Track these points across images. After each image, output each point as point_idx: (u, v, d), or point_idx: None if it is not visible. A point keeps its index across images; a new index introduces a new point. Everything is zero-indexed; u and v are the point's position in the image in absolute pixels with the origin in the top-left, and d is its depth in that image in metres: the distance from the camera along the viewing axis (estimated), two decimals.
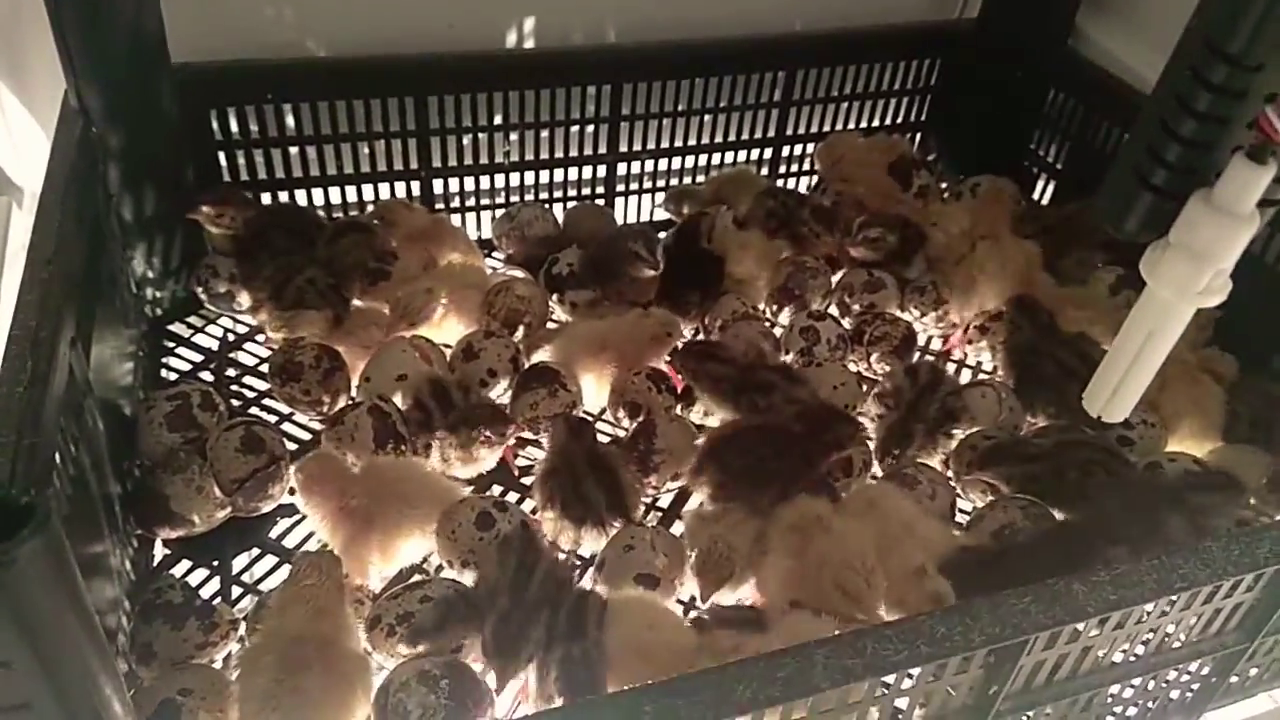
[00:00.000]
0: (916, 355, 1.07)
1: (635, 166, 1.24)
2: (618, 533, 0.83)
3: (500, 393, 0.97)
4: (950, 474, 0.94)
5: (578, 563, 0.85)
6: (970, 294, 1.09)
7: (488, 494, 0.87)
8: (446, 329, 1.02)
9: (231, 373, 1.00)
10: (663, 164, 1.25)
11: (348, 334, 0.98)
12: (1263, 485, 0.90)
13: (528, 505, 0.88)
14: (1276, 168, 0.50)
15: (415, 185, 1.15)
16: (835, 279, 1.14)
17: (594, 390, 0.99)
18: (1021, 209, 1.21)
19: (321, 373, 0.93)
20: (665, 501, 0.93)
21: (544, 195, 1.21)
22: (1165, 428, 0.96)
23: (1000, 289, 1.08)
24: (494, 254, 1.17)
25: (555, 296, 1.07)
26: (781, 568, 0.77)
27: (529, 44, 1.12)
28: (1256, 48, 0.47)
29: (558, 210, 1.20)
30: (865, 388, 1.01)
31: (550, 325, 1.07)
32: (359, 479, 0.82)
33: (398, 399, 0.92)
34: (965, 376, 1.09)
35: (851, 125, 1.31)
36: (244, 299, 1.02)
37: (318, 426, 0.93)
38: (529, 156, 1.17)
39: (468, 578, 0.80)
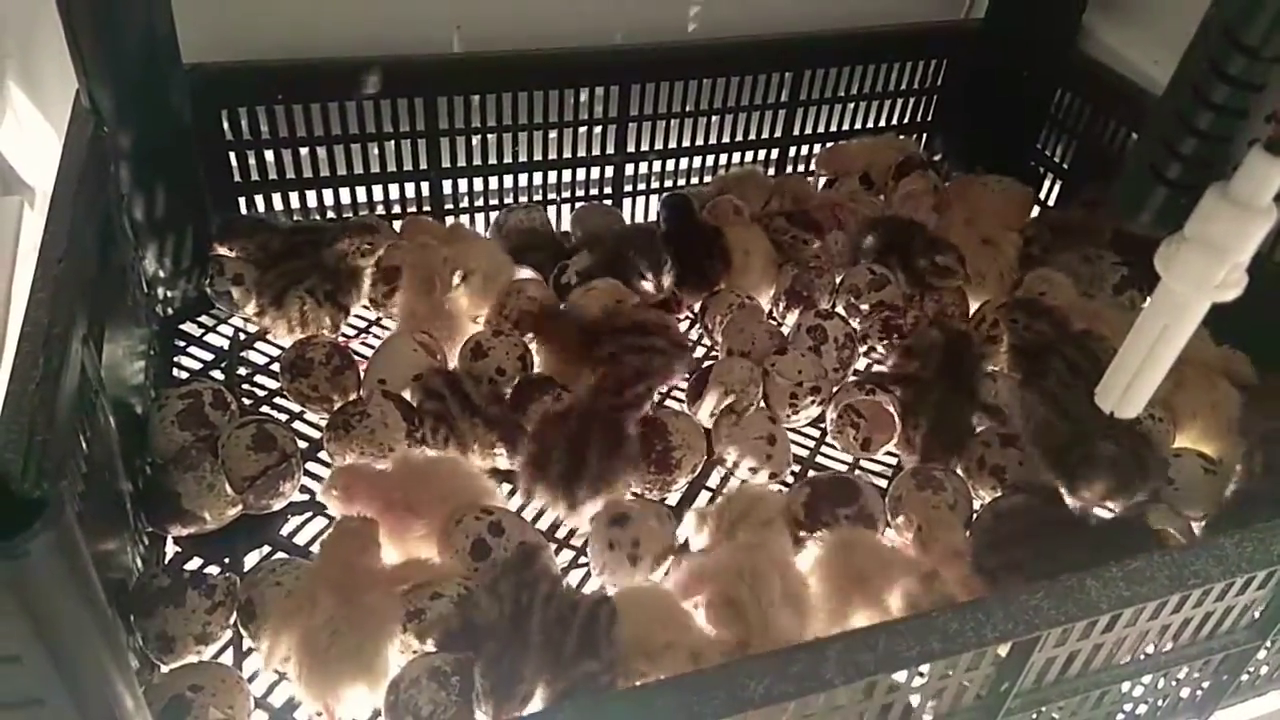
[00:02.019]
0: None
1: (643, 167, 1.24)
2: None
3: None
4: (960, 470, 0.94)
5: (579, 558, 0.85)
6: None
7: (486, 512, 0.81)
8: (473, 304, 1.04)
9: (243, 371, 1.00)
10: (670, 164, 1.25)
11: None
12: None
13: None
14: None
15: (425, 186, 1.15)
16: (839, 280, 1.13)
17: None
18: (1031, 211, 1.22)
19: (331, 370, 0.93)
20: (673, 499, 0.93)
21: (552, 196, 1.21)
22: (1175, 424, 0.95)
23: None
24: None
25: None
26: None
27: (537, 44, 1.12)
28: (1275, 39, 0.47)
29: (566, 210, 1.21)
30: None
31: None
32: (397, 475, 0.82)
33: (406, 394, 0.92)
34: None
35: (858, 125, 1.31)
36: (249, 306, 1.02)
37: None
38: (537, 157, 1.17)
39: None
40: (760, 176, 1.25)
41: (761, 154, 1.29)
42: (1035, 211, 1.25)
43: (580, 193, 1.23)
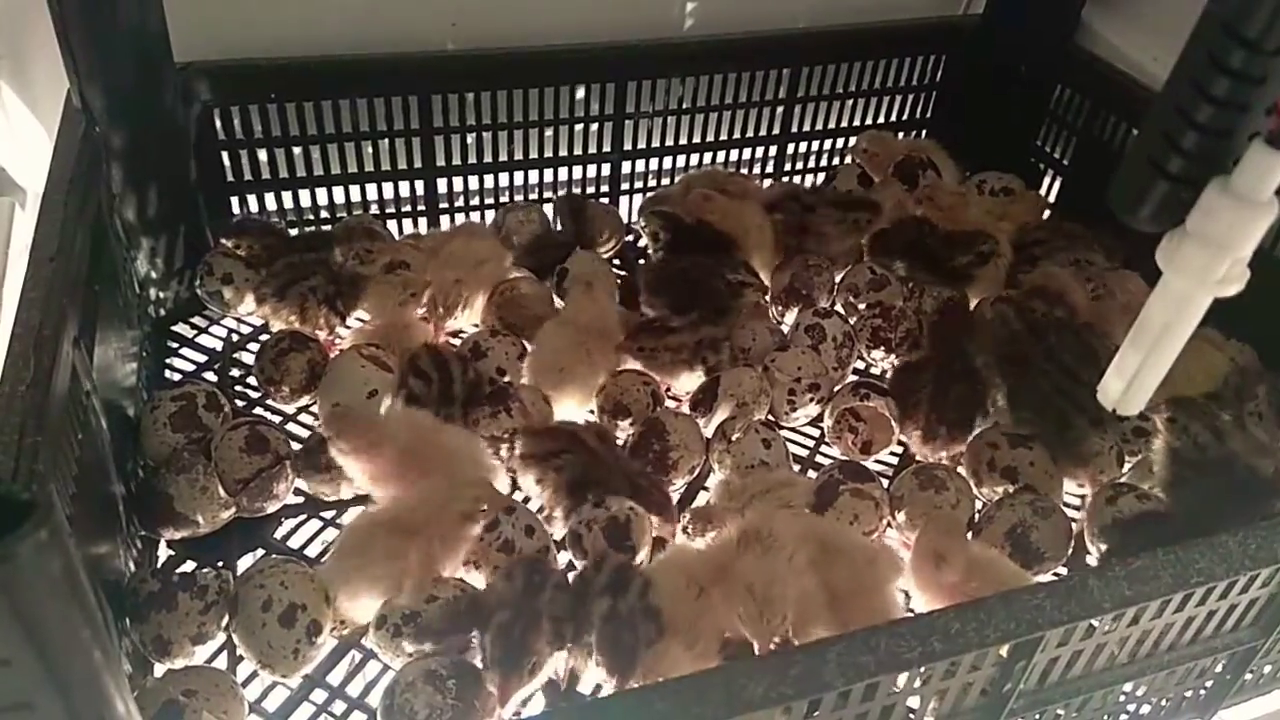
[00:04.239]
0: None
1: (640, 165, 1.24)
2: None
3: None
4: (963, 470, 0.93)
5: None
6: None
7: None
8: (474, 315, 1.04)
9: (235, 373, 1.00)
10: (667, 162, 1.25)
11: None
12: (1270, 474, 0.88)
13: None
14: None
15: (420, 185, 1.15)
16: (838, 278, 1.13)
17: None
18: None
19: (276, 351, 0.94)
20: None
21: (548, 194, 1.21)
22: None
23: None
24: None
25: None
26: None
27: (532, 42, 1.12)
28: (1276, 32, 0.46)
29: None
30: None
31: None
32: (407, 432, 0.82)
33: None
34: None
35: (857, 122, 1.31)
36: (245, 300, 1.01)
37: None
38: (533, 155, 1.17)
39: (474, 578, 0.79)
40: (723, 176, 1.22)
41: (760, 151, 1.29)
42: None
43: (577, 191, 1.22)
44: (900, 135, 1.34)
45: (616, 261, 1.17)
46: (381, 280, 1.02)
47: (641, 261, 1.14)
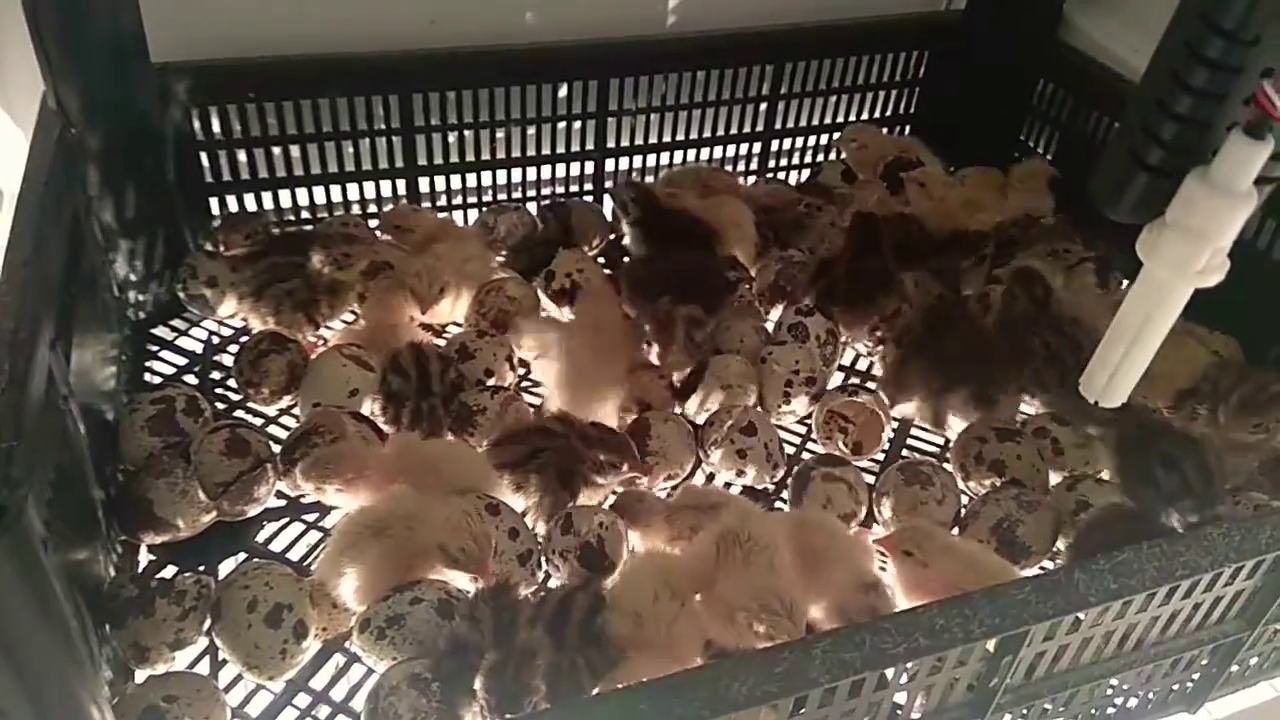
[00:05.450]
0: None
1: (624, 163, 1.23)
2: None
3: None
4: (949, 464, 0.93)
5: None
6: None
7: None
8: (457, 311, 1.04)
9: (216, 376, 0.99)
10: (651, 160, 1.24)
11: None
12: (1254, 469, 0.89)
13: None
14: (1274, 143, 0.50)
15: (400, 184, 1.14)
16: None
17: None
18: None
19: (255, 354, 0.93)
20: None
21: (531, 193, 1.20)
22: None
23: None
24: None
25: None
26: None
27: (513, 40, 1.11)
28: (1252, 22, 0.47)
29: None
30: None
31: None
32: (398, 458, 0.82)
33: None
34: None
35: (841, 119, 1.31)
36: (227, 302, 1.00)
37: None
38: (515, 153, 1.16)
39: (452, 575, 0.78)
40: (706, 173, 1.23)
41: (744, 148, 1.28)
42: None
43: (560, 189, 1.22)
44: (884, 131, 1.33)
45: (602, 260, 1.16)
46: (376, 288, 1.01)
47: (626, 260, 1.14)
